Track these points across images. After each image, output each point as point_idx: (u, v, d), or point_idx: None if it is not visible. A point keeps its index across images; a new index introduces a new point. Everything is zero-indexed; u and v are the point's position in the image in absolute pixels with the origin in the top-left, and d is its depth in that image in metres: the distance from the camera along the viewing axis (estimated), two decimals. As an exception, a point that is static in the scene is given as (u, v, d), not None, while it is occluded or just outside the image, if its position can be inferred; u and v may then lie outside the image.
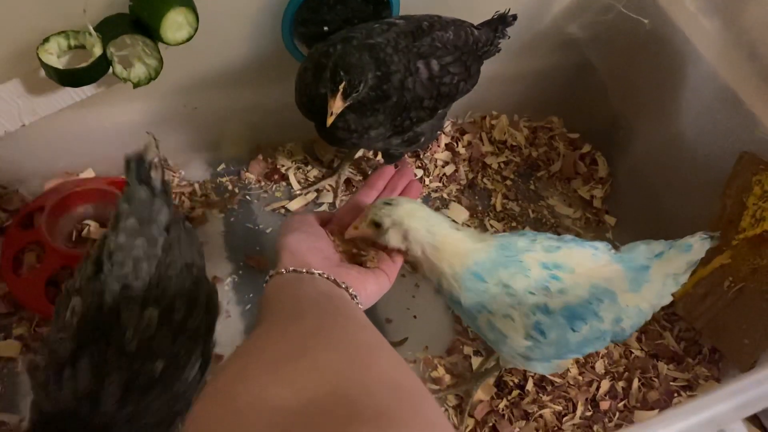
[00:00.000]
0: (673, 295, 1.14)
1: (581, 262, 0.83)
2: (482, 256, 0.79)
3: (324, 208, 1.25)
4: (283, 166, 1.29)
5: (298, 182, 1.28)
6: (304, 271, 0.69)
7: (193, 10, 0.91)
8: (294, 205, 1.24)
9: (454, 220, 0.83)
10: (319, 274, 0.69)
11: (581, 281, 0.81)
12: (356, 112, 0.94)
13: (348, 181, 1.28)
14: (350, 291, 0.69)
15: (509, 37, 1.11)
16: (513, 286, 0.79)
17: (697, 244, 0.88)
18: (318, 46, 0.99)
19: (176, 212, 0.86)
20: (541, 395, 1.07)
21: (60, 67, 0.89)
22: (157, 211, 0.81)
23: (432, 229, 0.78)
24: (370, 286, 0.73)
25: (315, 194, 1.26)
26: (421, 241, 0.78)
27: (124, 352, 0.73)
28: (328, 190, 1.27)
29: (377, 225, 0.77)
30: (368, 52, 0.91)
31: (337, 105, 0.88)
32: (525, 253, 0.82)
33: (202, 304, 0.83)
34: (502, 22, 1.09)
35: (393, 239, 0.78)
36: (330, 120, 0.89)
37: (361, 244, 0.79)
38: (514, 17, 1.10)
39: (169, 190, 0.84)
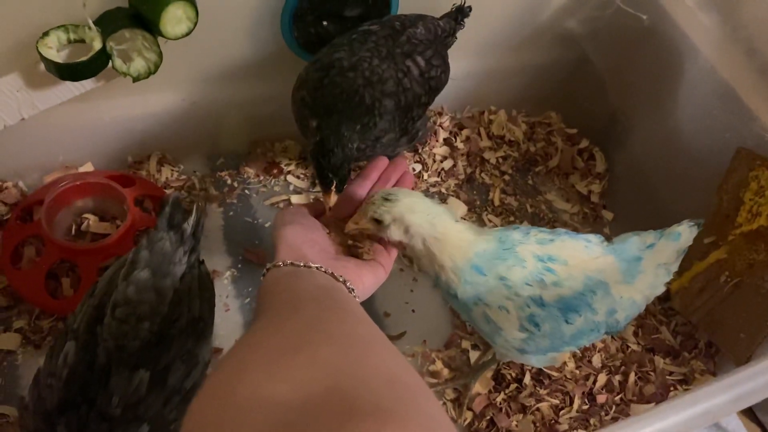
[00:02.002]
0: (669, 288, 1.15)
1: (574, 254, 0.83)
2: (483, 247, 0.79)
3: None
4: (281, 160, 1.29)
5: (297, 177, 1.28)
6: (301, 264, 0.69)
7: (193, 4, 0.91)
8: (297, 199, 1.25)
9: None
10: (317, 267, 0.69)
11: (575, 273, 0.82)
12: (358, 133, 0.95)
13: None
14: (348, 284, 0.69)
15: (464, 26, 1.12)
16: (510, 278, 0.80)
17: (686, 232, 0.88)
18: (308, 71, 0.99)
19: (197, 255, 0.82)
20: (538, 389, 1.07)
21: (59, 61, 0.90)
22: (176, 262, 0.78)
23: (434, 221, 0.78)
24: (367, 278, 0.74)
25: (317, 191, 1.27)
26: (423, 234, 0.78)
27: (107, 417, 0.70)
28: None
29: (377, 221, 0.78)
30: (353, 69, 0.93)
31: (332, 199, 0.89)
32: (520, 245, 0.82)
33: (203, 364, 0.79)
34: (460, 12, 1.11)
35: (395, 234, 0.78)
36: (329, 214, 0.90)
37: (357, 236, 0.79)
38: (470, 8, 1.11)
39: (199, 237, 0.81)
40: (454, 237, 0.78)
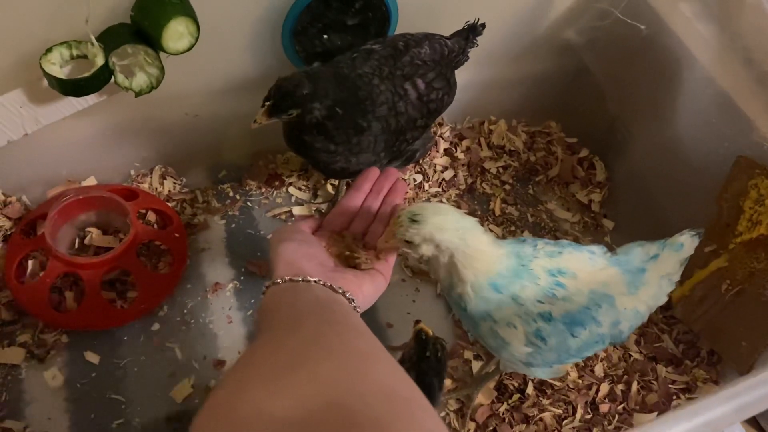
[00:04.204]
0: (671, 297, 1.15)
1: (581, 267, 0.83)
2: (505, 265, 0.79)
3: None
4: (283, 172, 1.30)
5: (299, 189, 1.29)
6: (300, 279, 0.68)
7: (194, 19, 0.92)
8: (299, 210, 1.25)
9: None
10: (315, 281, 0.68)
11: (582, 287, 0.82)
12: (326, 136, 0.95)
13: (348, 185, 1.29)
14: (347, 295, 0.69)
15: (478, 44, 1.12)
16: (522, 296, 0.80)
17: (687, 242, 0.89)
18: None
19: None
20: (541, 399, 1.07)
21: (62, 77, 0.90)
22: None
23: (464, 236, 0.77)
24: (367, 288, 0.73)
25: (318, 202, 1.28)
26: (452, 250, 0.77)
27: None
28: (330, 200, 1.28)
29: (408, 242, 0.78)
30: (351, 87, 0.93)
31: (260, 117, 0.91)
32: (534, 260, 0.82)
33: None
34: (472, 31, 1.10)
35: (427, 252, 0.78)
36: (252, 126, 0.92)
37: (353, 246, 0.80)
38: (483, 26, 1.11)
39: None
40: (483, 253, 0.78)
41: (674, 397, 1.10)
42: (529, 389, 1.08)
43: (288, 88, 0.89)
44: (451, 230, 0.76)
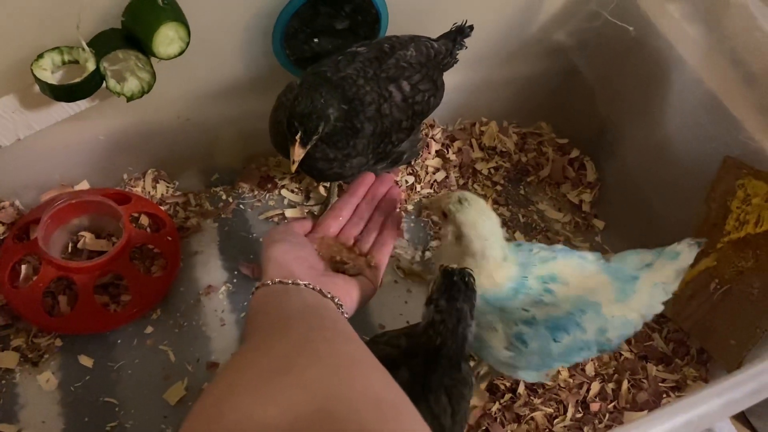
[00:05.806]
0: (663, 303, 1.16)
1: (572, 273, 0.84)
2: (507, 287, 0.81)
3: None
4: (276, 175, 1.30)
5: (291, 191, 1.29)
6: (290, 282, 0.69)
7: (185, 24, 0.93)
8: (291, 213, 1.26)
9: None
10: (305, 284, 0.69)
11: (570, 293, 0.83)
12: (328, 144, 0.95)
13: (340, 186, 1.29)
14: (336, 300, 0.70)
15: (467, 47, 1.12)
16: (509, 304, 0.81)
17: (685, 252, 0.89)
18: (289, 86, 1.00)
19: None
20: (532, 398, 1.08)
21: (54, 82, 0.91)
22: None
23: (485, 250, 0.79)
24: (355, 294, 0.74)
25: (311, 204, 1.28)
26: (469, 252, 0.80)
27: None
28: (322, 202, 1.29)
29: (444, 214, 0.80)
30: (339, 88, 0.93)
31: (297, 153, 0.89)
32: (531, 267, 0.83)
33: None
34: (460, 33, 1.10)
35: (448, 234, 0.80)
36: (293, 167, 0.91)
37: (344, 250, 0.80)
38: (471, 28, 1.11)
39: None
40: (492, 273, 0.80)
41: (664, 396, 1.11)
42: (521, 389, 1.08)
43: (306, 108, 0.87)
44: (478, 234, 0.78)
